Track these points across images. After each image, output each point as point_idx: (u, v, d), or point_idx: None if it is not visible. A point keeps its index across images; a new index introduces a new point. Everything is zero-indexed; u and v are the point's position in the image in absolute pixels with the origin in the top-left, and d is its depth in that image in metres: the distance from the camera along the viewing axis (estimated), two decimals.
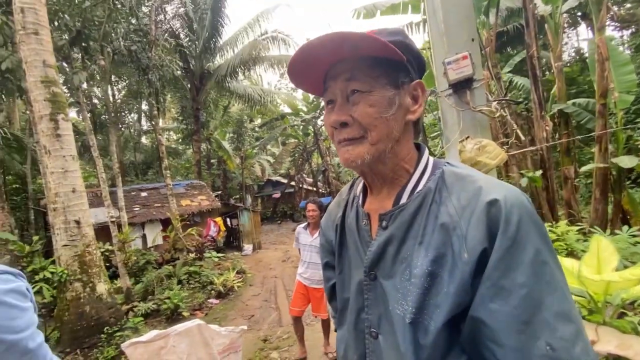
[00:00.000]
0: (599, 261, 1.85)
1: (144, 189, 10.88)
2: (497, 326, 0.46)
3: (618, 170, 4.92)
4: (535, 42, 5.17)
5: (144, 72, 8.40)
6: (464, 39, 1.77)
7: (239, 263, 8.48)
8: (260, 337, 4.50)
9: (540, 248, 0.47)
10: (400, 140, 0.60)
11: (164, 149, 8.99)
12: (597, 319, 1.71)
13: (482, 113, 1.74)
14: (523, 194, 0.51)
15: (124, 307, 5.48)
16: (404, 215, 0.58)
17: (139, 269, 7.44)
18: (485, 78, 5.08)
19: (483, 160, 1.62)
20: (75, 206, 4.11)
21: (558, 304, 0.45)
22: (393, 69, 0.58)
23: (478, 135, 1.77)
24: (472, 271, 0.49)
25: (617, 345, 1.46)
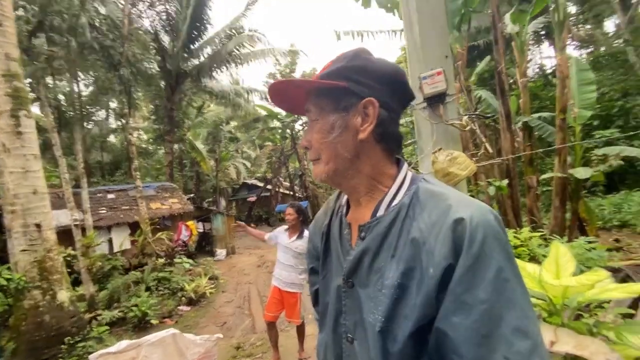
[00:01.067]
0: (558, 266, 1.98)
1: (111, 190, 10.36)
2: (458, 338, 0.48)
3: (576, 180, 5.29)
4: (503, 58, 5.49)
5: (115, 67, 8.05)
6: (438, 55, 1.86)
7: (212, 268, 8.27)
8: (233, 344, 4.40)
9: (503, 266, 0.49)
10: (360, 158, 0.64)
11: (135, 149, 8.64)
12: (556, 321, 1.83)
13: (453, 126, 1.83)
14: (491, 213, 0.53)
15: (87, 315, 5.17)
16: (379, 228, 0.61)
17: (104, 275, 7.06)
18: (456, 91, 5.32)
19: (454, 171, 1.70)
20: (36, 208, 3.86)
21: (517, 320, 0.47)
22: (335, 96, 0.64)
23: (450, 147, 1.86)
24: (436, 285, 0.51)
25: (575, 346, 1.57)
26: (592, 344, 1.54)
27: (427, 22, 1.90)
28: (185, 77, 13.04)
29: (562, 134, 5.24)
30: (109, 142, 16.15)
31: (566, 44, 5.28)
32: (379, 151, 0.65)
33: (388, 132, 0.64)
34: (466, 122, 1.86)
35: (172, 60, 12.54)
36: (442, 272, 0.50)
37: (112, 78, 8.54)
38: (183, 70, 12.95)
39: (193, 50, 13.01)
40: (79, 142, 7.91)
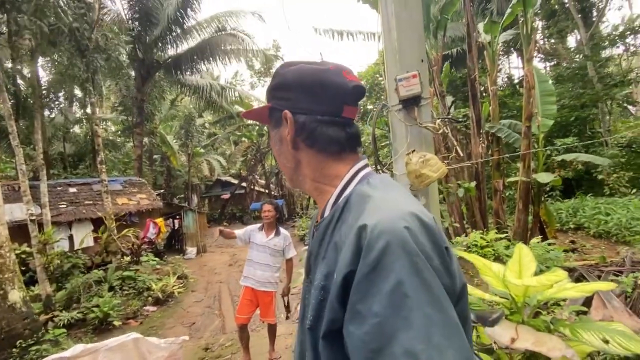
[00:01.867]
0: (521, 267, 2.08)
1: (73, 184, 9.76)
2: (352, 347, 0.46)
3: (538, 185, 5.61)
4: (476, 66, 5.71)
5: (83, 53, 7.57)
6: (414, 59, 1.89)
7: (181, 267, 8.00)
8: (202, 345, 4.28)
9: (404, 280, 0.44)
10: (300, 164, 0.68)
11: (101, 140, 8.18)
12: (517, 319, 1.92)
13: (427, 129, 1.87)
14: (406, 220, 0.48)
15: (43, 317, 4.83)
16: (320, 230, 0.64)
17: (63, 274, 6.63)
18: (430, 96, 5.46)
19: (426, 173, 1.74)
20: None
21: (409, 342, 0.42)
22: (269, 115, 0.72)
23: (423, 149, 1.89)
24: (339, 291, 0.49)
25: (534, 343, 1.66)
26: (550, 340, 1.62)
27: (405, 27, 1.93)
28: (159, 68, 12.52)
29: (527, 141, 5.53)
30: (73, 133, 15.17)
31: (533, 56, 5.57)
32: (314, 154, 0.66)
33: (316, 135, 0.64)
34: (439, 126, 1.90)
35: (145, 49, 11.99)
36: (343, 278, 0.49)
37: (78, 64, 8.03)
38: (156, 60, 12.42)
39: (169, 41, 12.48)
40: (38, 132, 7.37)
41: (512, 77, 17.73)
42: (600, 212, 7.85)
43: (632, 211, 7.27)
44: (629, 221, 6.90)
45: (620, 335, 1.55)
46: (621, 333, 1.59)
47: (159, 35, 11.85)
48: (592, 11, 13.56)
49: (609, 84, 11.14)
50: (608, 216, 7.51)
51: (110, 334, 4.98)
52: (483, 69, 8.01)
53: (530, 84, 5.39)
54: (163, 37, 12.02)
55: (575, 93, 11.64)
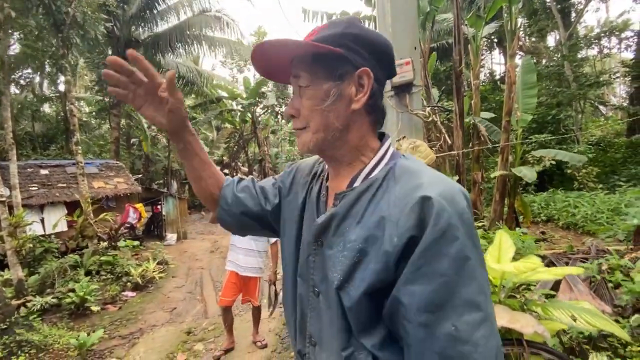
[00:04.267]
0: (500, 252, 2.19)
1: (44, 165, 9.29)
2: (412, 305, 0.51)
3: (514, 178, 5.84)
4: (461, 59, 5.81)
5: (58, 28, 7.11)
6: (408, 46, 1.91)
7: (161, 253, 7.86)
8: (184, 329, 4.27)
9: (466, 244, 0.51)
10: (349, 128, 0.64)
11: (77, 120, 7.80)
12: (494, 299, 2.04)
13: (417, 116, 1.91)
14: (460, 193, 0.55)
15: (15, 301, 4.66)
16: (350, 197, 0.64)
17: (35, 259, 6.37)
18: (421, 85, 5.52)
19: None
20: None
21: (471, 294, 0.50)
22: (330, 62, 0.62)
23: (413, 136, 1.94)
24: (398, 254, 0.54)
25: (508, 320, 1.77)
26: (523, 318, 1.74)
27: (399, 13, 1.94)
28: (137, 47, 11.94)
29: (506, 135, 5.73)
30: (43, 112, 14.34)
31: (516, 52, 5.73)
32: (367, 123, 0.66)
33: (377, 105, 0.65)
34: (429, 113, 1.95)
35: (122, 25, 11.39)
36: (405, 242, 0.53)
37: (50, 39, 7.55)
38: (134, 38, 11.84)
39: (148, 18, 11.90)
40: (7, 109, 6.93)
41: (493, 73, 18.17)
42: (570, 205, 8.31)
43: (597, 205, 7.74)
44: (594, 214, 7.35)
45: (587, 313, 1.68)
46: (587, 311, 1.72)
47: (137, 11, 11.28)
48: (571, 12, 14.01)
49: (584, 84, 11.63)
50: (576, 209, 7.96)
51: (87, 318, 4.89)
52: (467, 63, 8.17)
53: (512, 79, 5.56)
54: (141, 13, 11.44)
55: (552, 91, 12.08)
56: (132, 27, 11.65)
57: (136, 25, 11.81)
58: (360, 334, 0.59)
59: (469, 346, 0.48)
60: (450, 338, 0.49)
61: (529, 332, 1.66)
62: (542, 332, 1.64)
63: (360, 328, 0.59)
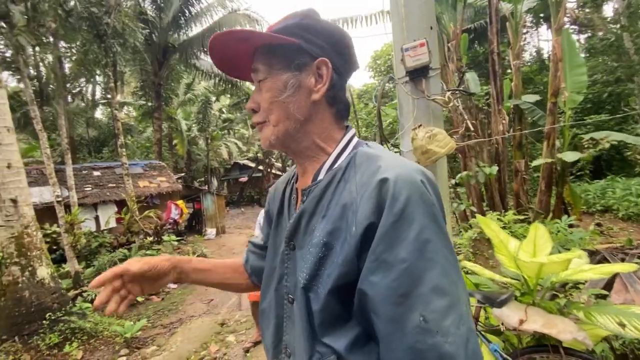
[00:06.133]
0: (535, 247, 1.98)
1: (97, 167, 10.16)
2: (377, 297, 0.48)
3: (562, 165, 5.31)
4: (497, 38, 5.35)
5: (101, 39, 7.68)
6: (423, 26, 1.77)
7: (200, 247, 8.27)
8: (218, 321, 4.45)
9: (425, 226, 0.48)
10: (311, 120, 0.63)
11: (120, 124, 8.40)
12: (527, 300, 1.85)
13: (435, 102, 1.76)
14: (422, 173, 0.53)
15: (72, 292, 5.15)
16: (317, 190, 0.61)
17: (91, 252, 7.01)
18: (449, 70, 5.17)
19: (433, 149, 1.65)
20: (11, 183, 3.73)
21: (436, 280, 0.47)
22: (287, 53, 0.61)
23: (431, 123, 1.80)
24: (358, 244, 0.51)
25: (543, 324, 1.59)
26: (561, 322, 1.55)
27: None
28: (174, 52, 12.55)
29: (552, 118, 5.21)
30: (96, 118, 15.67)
31: (563, 26, 5.15)
32: (330, 115, 0.65)
33: (339, 96, 0.64)
34: (449, 98, 1.79)
35: (159, 32, 12.02)
36: (363, 230, 0.50)
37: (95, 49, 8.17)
38: (171, 44, 12.44)
39: (182, 24, 12.44)
40: (62, 117, 7.64)
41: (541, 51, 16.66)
42: (631, 193, 7.40)
43: None
44: None
45: (639, 319, 1.46)
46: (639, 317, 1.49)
47: (172, 18, 11.82)
48: None
49: None
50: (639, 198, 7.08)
51: (134, 308, 5.27)
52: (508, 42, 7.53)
53: (558, 57, 5.02)
54: (176, 19, 11.98)
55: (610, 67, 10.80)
56: (168, 33, 12.23)
57: (172, 31, 12.38)
58: (327, 336, 0.55)
59: (439, 337, 0.45)
60: (420, 331, 0.45)
61: (567, 338, 1.47)
62: (583, 340, 1.45)
63: (327, 330, 0.55)
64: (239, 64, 0.67)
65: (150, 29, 11.51)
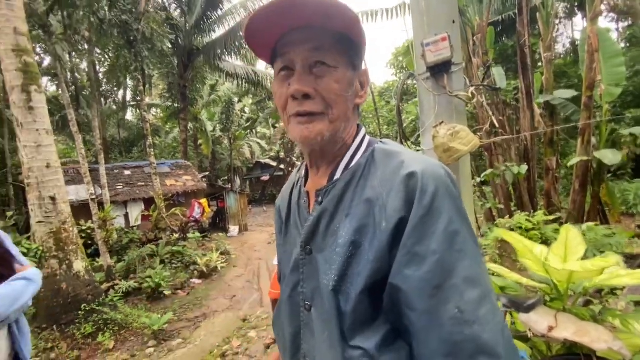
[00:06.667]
0: (566, 250, 1.88)
1: (127, 167, 10.65)
2: (411, 291, 0.48)
3: (599, 163, 4.99)
4: (527, 30, 5.11)
5: (131, 44, 8.04)
6: (445, 20, 1.71)
7: (224, 244, 8.48)
8: (240, 316, 4.55)
9: (454, 218, 0.49)
10: (350, 122, 0.63)
11: (149, 126, 8.75)
12: (558, 306, 1.75)
13: (458, 98, 1.70)
14: (443, 168, 0.53)
15: (105, 285, 5.44)
16: (336, 190, 0.60)
17: (122, 248, 7.37)
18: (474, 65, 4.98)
19: (455, 146, 1.60)
20: (49, 182, 3.98)
21: (467, 270, 0.48)
22: (353, 51, 0.59)
23: (453, 120, 1.74)
24: (389, 239, 0.51)
25: (575, 332, 1.50)
26: (594, 330, 1.46)
27: None
28: (198, 54, 12.91)
29: (588, 113, 4.91)
30: (126, 120, 16.43)
31: (599, 14, 4.83)
32: (356, 118, 0.66)
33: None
34: (472, 94, 1.73)
35: (184, 36, 12.40)
36: (394, 225, 0.50)
37: (127, 55, 8.56)
38: (195, 47, 12.81)
39: (206, 27, 12.78)
40: (96, 119, 8.07)
41: (575, 42, 15.72)
42: None
43: None
44: None
45: None
46: None
47: (196, 22, 12.16)
48: None
49: None
50: None
51: (161, 302, 5.49)
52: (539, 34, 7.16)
53: (594, 47, 4.71)
54: (201, 23, 12.31)
55: None
56: (193, 36, 12.60)
57: (196, 35, 12.74)
58: (357, 338, 0.54)
59: (477, 326, 0.45)
60: (456, 322, 0.45)
61: (602, 348, 1.38)
62: (619, 349, 1.36)
63: (357, 331, 0.54)
64: (267, 37, 0.59)
65: (175, 33, 11.90)
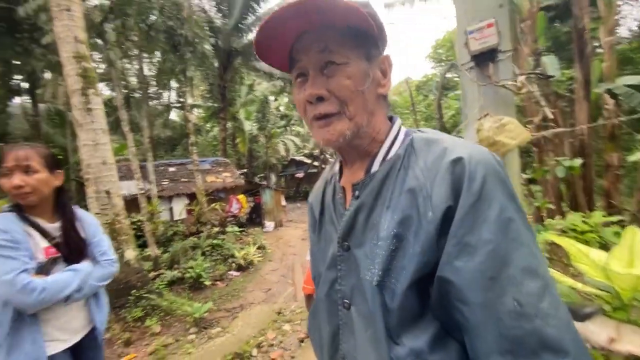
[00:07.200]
0: (632, 255, 1.68)
1: (172, 164, 11.31)
2: (463, 284, 0.45)
3: None
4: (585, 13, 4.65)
5: (176, 48, 8.52)
6: (490, 5, 1.60)
7: (260, 239, 8.72)
8: (275, 309, 4.65)
9: (506, 205, 0.46)
10: (375, 114, 0.61)
11: (192, 125, 9.22)
12: (621, 316, 1.58)
13: (506, 88, 1.59)
14: (490, 153, 0.50)
15: (152, 273, 5.83)
16: (374, 183, 0.59)
17: (167, 239, 7.85)
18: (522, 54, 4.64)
19: (502, 140, 1.49)
20: (105, 177, 4.33)
21: (524, 260, 0.44)
22: (364, 41, 0.58)
23: (500, 112, 1.62)
24: (437, 229, 0.48)
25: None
26: None
27: None
28: (236, 55, 13.33)
29: None
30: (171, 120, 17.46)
31: None
32: (384, 108, 0.64)
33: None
34: (521, 84, 1.60)
35: (223, 38, 12.87)
36: (442, 214, 0.48)
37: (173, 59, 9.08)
38: (234, 48, 13.24)
39: (244, 28, 13.16)
40: (144, 120, 8.65)
41: None
42: None
43: None
44: None
45: None
46: None
47: (235, 24, 12.55)
48: None
49: None
50: None
51: (202, 291, 5.77)
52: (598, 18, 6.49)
53: None
54: (239, 25, 12.69)
55: None
56: (231, 38, 13.04)
57: (235, 36, 13.17)
58: (404, 336, 0.51)
59: (539, 320, 0.42)
60: (515, 316, 0.42)
61: None
62: None
63: (404, 329, 0.51)
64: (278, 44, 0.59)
65: (215, 35, 12.38)
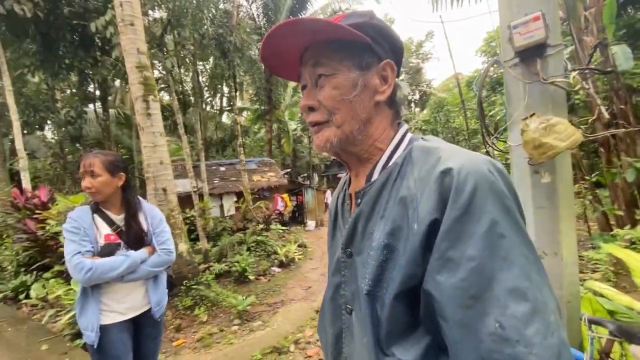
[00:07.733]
0: None
1: (222, 164, 12.00)
2: (443, 300, 0.44)
3: None
4: None
5: (225, 54, 9.06)
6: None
7: (301, 237, 8.91)
8: (314, 307, 4.73)
9: (499, 220, 0.43)
10: (372, 121, 0.61)
11: (239, 127, 9.72)
12: None
13: (555, 86, 1.47)
14: (487, 164, 0.47)
15: (202, 265, 6.26)
16: (372, 191, 0.59)
17: (217, 234, 8.37)
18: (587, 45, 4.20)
19: (550, 142, 1.38)
20: (162, 176, 4.76)
21: (512, 281, 0.41)
22: (357, 51, 0.59)
23: (549, 112, 1.51)
24: (422, 243, 0.47)
25: None
26: None
27: None
28: None
29: None
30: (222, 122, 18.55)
31: None
32: (389, 116, 0.64)
33: (396, 97, 0.64)
34: (575, 80, 1.48)
35: None
36: (426, 227, 0.46)
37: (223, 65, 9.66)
38: None
39: None
40: (198, 122, 9.31)
41: None
42: None
43: None
44: None
45: None
46: None
47: None
48: None
49: None
50: None
51: (246, 285, 6.06)
52: None
53: None
54: None
55: None
56: None
57: None
58: (394, 347, 0.52)
59: (521, 347, 0.39)
60: (496, 339, 0.40)
61: None
62: None
63: (394, 340, 0.52)
64: (288, 59, 0.64)
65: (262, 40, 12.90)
